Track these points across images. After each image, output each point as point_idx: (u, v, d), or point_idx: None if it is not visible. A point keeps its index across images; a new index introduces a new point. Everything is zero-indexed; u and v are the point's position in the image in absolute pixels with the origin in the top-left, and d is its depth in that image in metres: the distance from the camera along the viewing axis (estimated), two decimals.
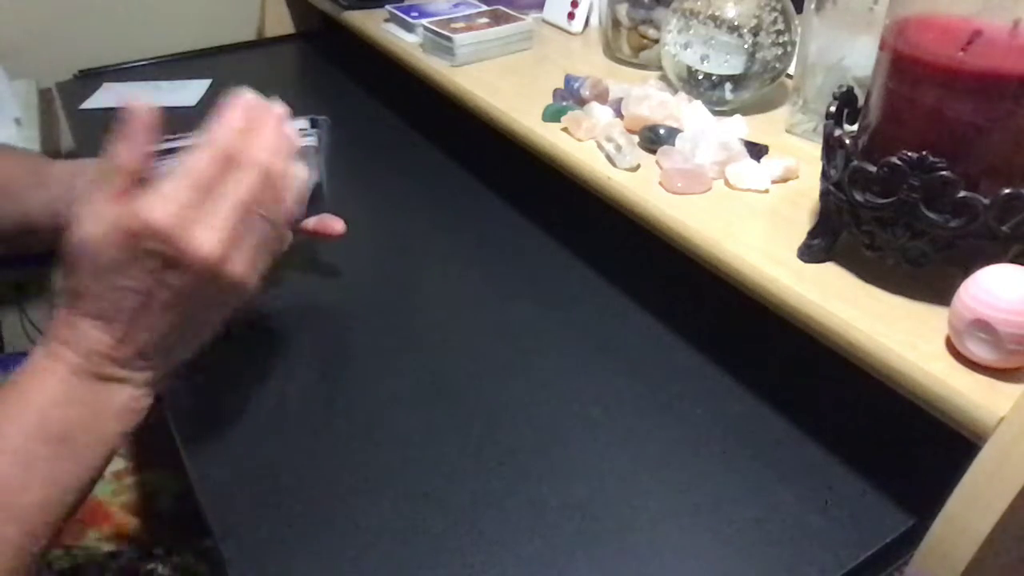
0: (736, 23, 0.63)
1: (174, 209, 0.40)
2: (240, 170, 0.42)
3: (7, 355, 0.85)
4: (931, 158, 0.39)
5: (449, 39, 0.76)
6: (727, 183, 0.56)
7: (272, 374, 0.56)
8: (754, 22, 0.62)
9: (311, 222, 0.61)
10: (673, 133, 0.60)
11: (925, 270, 0.43)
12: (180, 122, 0.62)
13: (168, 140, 0.56)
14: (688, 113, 0.62)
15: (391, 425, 0.51)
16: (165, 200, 0.40)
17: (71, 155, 1.02)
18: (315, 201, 0.60)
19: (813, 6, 0.58)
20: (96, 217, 0.40)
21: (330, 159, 0.58)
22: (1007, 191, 0.38)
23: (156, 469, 0.71)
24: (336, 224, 0.62)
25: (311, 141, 0.58)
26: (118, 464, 0.70)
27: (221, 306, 0.44)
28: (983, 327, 0.37)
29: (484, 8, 0.85)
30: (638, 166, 0.58)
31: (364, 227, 0.74)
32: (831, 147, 0.45)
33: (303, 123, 0.58)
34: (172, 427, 0.51)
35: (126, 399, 0.42)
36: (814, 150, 0.51)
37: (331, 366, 0.57)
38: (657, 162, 0.59)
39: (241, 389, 0.54)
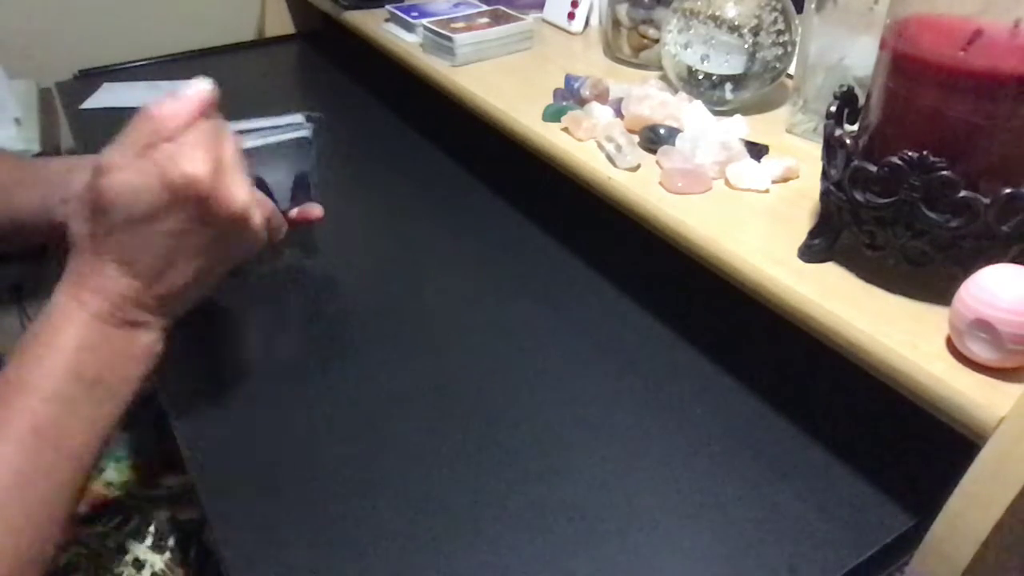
0: (736, 23, 0.63)
1: (212, 165, 0.42)
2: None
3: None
4: (931, 158, 0.39)
5: (449, 39, 0.76)
6: (727, 183, 0.56)
7: (271, 375, 0.56)
8: (754, 22, 0.62)
9: (293, 212, 0.62)
10: (673, 133, 0.60)
11: (925, 270, 0.43)
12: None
13: None
14: (688, 113, 0.62)
15: (391, 425, 0.51)
16: (203, 155, 0.42)
17: (71, 155, 1.02)
18: (303, 190, 0.61)
19: (813, 6, 0.58)
20: (134, 166, 0.41)
21: (321, 154, 0.60)
22: (1007, 191, 0.38)
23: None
24: (315, 210, 0.63)
25: (305, 133, 0.58)
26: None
27: (235, 256, 0.47)
28: (983, 327, 0.37)
29: (484, 8, 0.85)
30: (638, 166, 0.58)
31: (363, 227, 0.74)
32: (831, 147, 0.45)
33: (299, 117, 0.59)
34: (175, 429, 0.51)
35: (148, 342, 0.44)
36: (814, 150, 0.51)
37: (331, 366, 0.57)
38: (657, 162, 0.59)
39: (241, 390, 0.54)
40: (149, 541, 0.62)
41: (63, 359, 0.41)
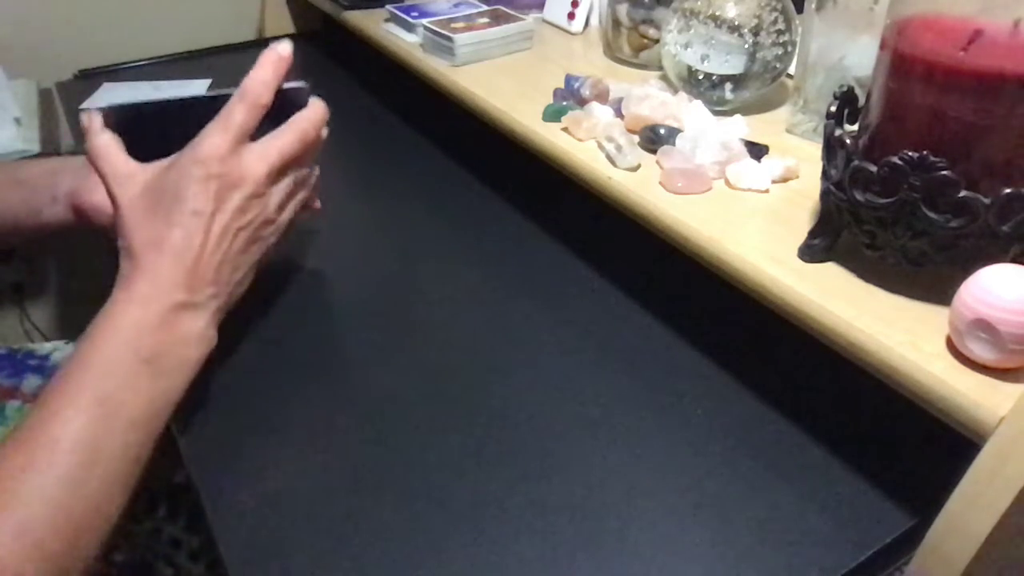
0: (736, 23, 0.63)
1: (231, 138, 0.49)
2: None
3: (7, 353, 0.84)
4: (932, 158, 0.39)
5: (449, 39, 0.76)
6: (727, 183, 0.56)
7: (271, 375, 0.56)
8: (754, 22, 0.62)
9: None
10: (673, 133, 0.60)
11: (926, 270, 0.43)
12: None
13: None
14: (688, 113, 0.62)
15: (391, 424, 0.51)
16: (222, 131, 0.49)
17: (71, 155, 1.02)
18: None
19: (813, 6, 0.58)
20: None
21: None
22: (1008, 191, 0.38)
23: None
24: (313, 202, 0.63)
25: (302, 84, 0.57)
26: None
27: (263, 237, 0.53)
28: (984, 327, 0.37)
29: (484, 8, 0.85)
30: (638, 166, 0.58)
31: (364, 226, 0.74)
32: (832, 147, 0.45)
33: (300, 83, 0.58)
34: (172, 427, 0.51)
35: (199, 327, 0.48)
36: (814, 150, 0.51)
37: (330, 366, 0.57)
38: (657, 162, 0.59)
39: (240, 389, 0.54)
40: (183, 522, 0.64)
41: (120, 339, 0.45)
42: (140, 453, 0.44)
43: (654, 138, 0.60)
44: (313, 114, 0.54)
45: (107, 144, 0.51)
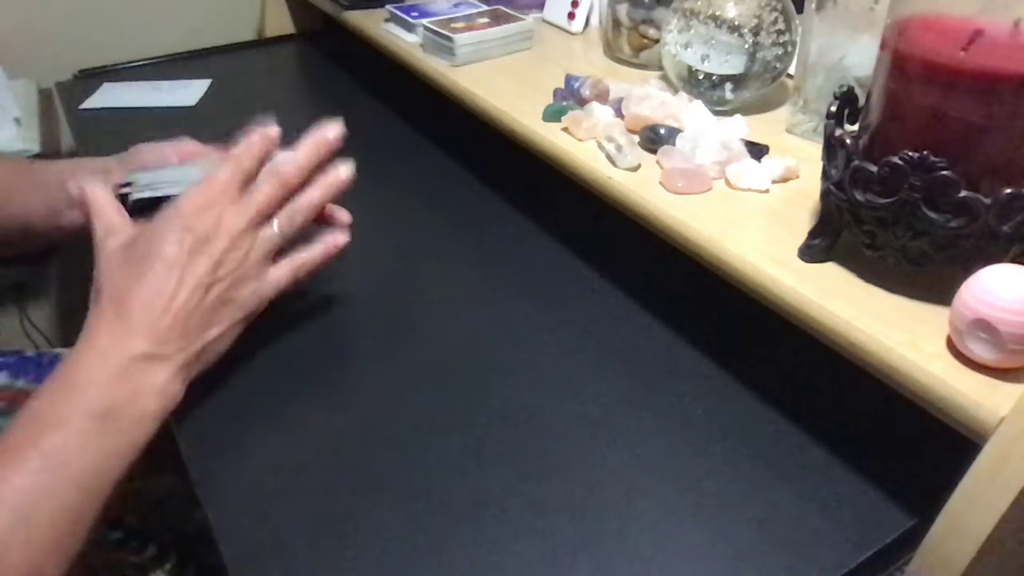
0: (737, 23, 0.63)
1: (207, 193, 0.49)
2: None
3: (34, 356, 0.84)
4: (932, 158, 0.39)
5: (449, 39, 0.76)
6: (728, 183, 0.56)
7: (270, 374, 0.56)
8: (754, 22, 0.62)
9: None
10: (674, 133, 0.60)
11: (925, 270, 0.43)
12: (180, 122, 0.62)
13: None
14: (688, 113, 0.62)
15: (391, 424, 0.51)
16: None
17: (71, 155, 1.02)
18: None
19: (813, 6, 0.58)
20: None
21: None
22: (1008, 191, 0.38)
23: (165, 474, 0.71)
24: (342, 214, 0.63)
25: None
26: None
27: (238, 299, 0.51)
28: (984, 327, 0.37)
29: (484, 8, 0.85)
30: (639, 166, 0.58)
31: (364, 227, 0.74)
32: (832, 147, 0.45)
33: None
34: (173, 426, 0.51)
35: (161, 381, 0.47)
36: (815, 150, 0.51)
37: (330, 365, 0.57)
38: (658, 162, 0.59)
39: (240, 389, 0.54)
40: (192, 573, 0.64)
41: (74, 393, 0.44)
42: (84, 512, 0.42)
43: (654, 138, 0.60)
44: (248, 148, 0.52)
45: (102, 200, 0.51)
